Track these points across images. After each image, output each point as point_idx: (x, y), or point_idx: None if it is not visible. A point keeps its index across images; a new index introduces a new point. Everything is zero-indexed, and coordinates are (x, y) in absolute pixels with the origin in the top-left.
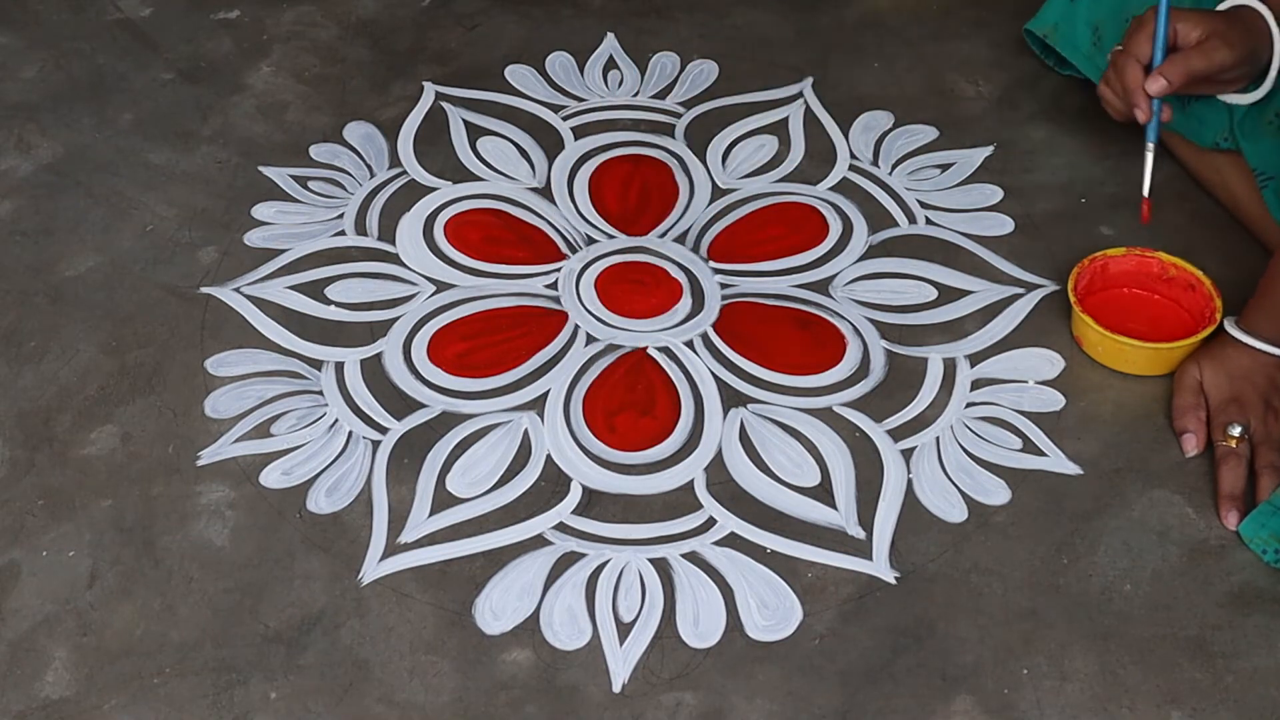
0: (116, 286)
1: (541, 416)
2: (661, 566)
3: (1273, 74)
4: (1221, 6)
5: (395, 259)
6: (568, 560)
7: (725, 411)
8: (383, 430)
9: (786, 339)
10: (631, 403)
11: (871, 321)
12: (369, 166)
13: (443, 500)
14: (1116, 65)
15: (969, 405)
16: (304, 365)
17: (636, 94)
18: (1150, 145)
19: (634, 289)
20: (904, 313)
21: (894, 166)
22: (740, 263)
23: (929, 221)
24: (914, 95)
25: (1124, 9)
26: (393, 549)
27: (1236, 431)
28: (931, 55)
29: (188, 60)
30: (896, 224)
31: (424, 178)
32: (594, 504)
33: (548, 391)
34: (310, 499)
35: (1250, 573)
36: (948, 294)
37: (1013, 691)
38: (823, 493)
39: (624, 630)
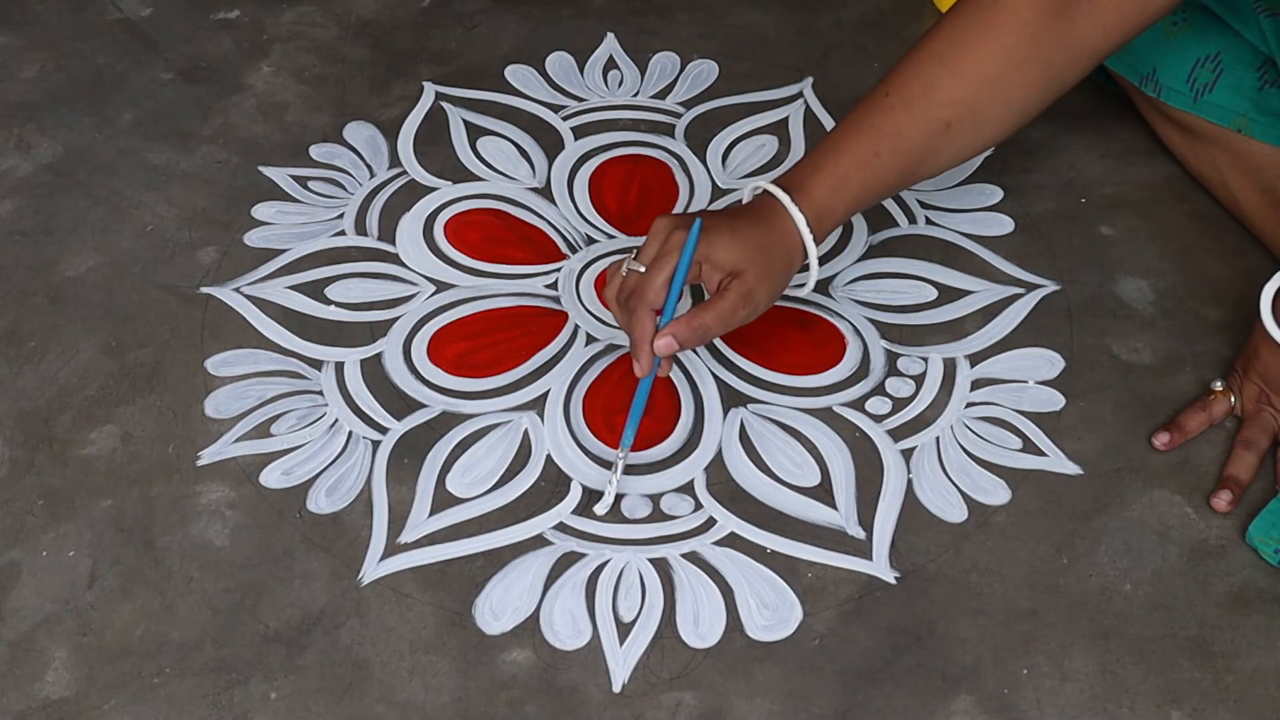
0: (116, 286)
1: (541, 416)
2: (661, 566)
3: (812, 279)
4: (755, 189)
5: (395, 259)
6: (568, 560)
7: (725, 411)
8: (383, 430)
9: (786, 339)
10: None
11: (871, 321)
12: (369, 166)
13: (443, 500)
14: (630, 306)
15: (969, 405)
16: (304, 365)
17: (636, 94)
18: (621, 453)
19: None
20: (904, 313)
21: None
22: None
23: (929, 221)
24: None
25: None
26: (393, 549)
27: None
28: None
29: (188, 60)
30: (896, 224)
31: (424, 178)
32: (594, 504)
33: (548, 391)
34: (310, 499)
35: (1250, 573)
36: (948, 294)
37: (1013, 691)
38: (823, 493)
39: (624, 630)
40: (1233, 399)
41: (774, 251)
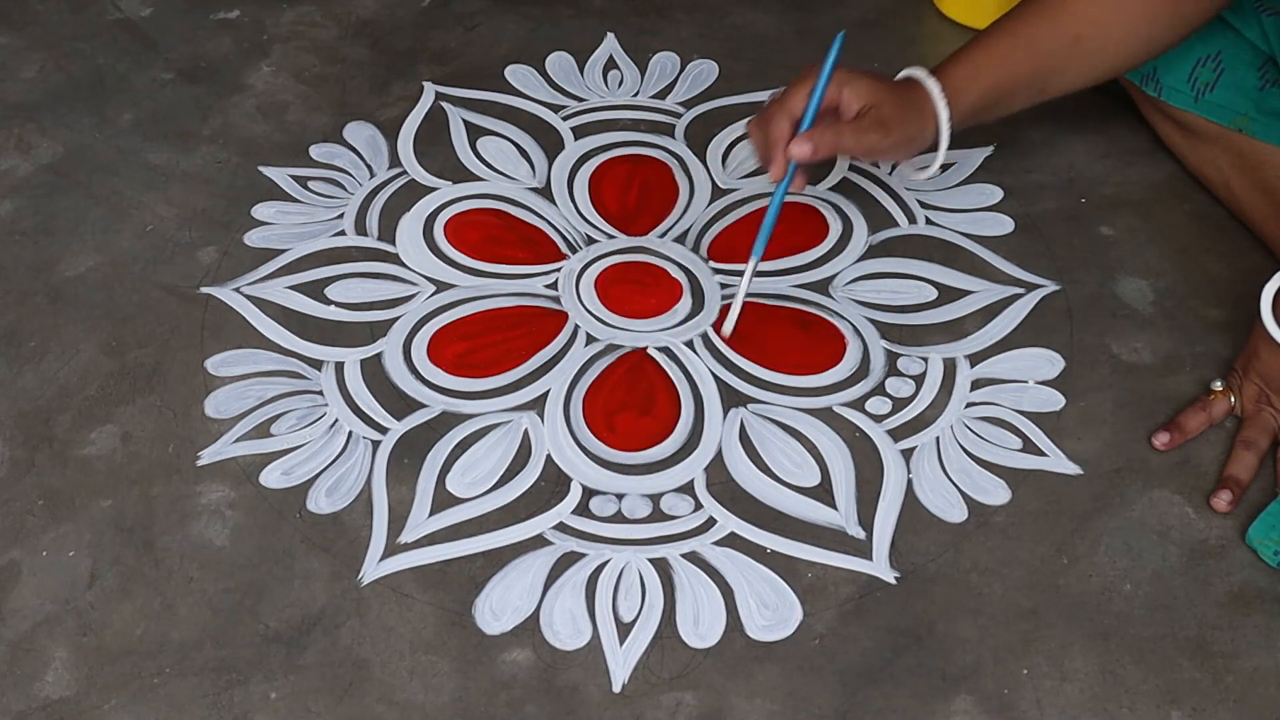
0: (116, 286)
1: (541, 416)
2: (661, 566)
3: (940, 157)
4: (900, 75)
5: (395, 259)
6: (568, 560)
7: (725, 411)
8: (383, 430)
9: (786, 339)
10: (631, 403)
11: (871, 321)
12: (369, 166)
13: (443, 500)
14: (768, 113)
15: (969, 405)
16: (304, 365)
17: (636, 94)
18: (752, 262)
19: (634, 289)
20: (904, 313)
21: (894, 166)
22: (740, 263)
23: (929, 221)
24: None
25: None
26: (393, 549)
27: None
28: (931, 55)
29: (188, 60)
30: (896, 224)
31: (424, 178)
32: (594, 504)
33: (548, 391)
34: (310, 499)
35: (1250, 573)
36: (948, 294)
37: (1013, 691)
38: (823, 493)
39: (624, 630)
40: (1232, 399)
41: (909, 104)
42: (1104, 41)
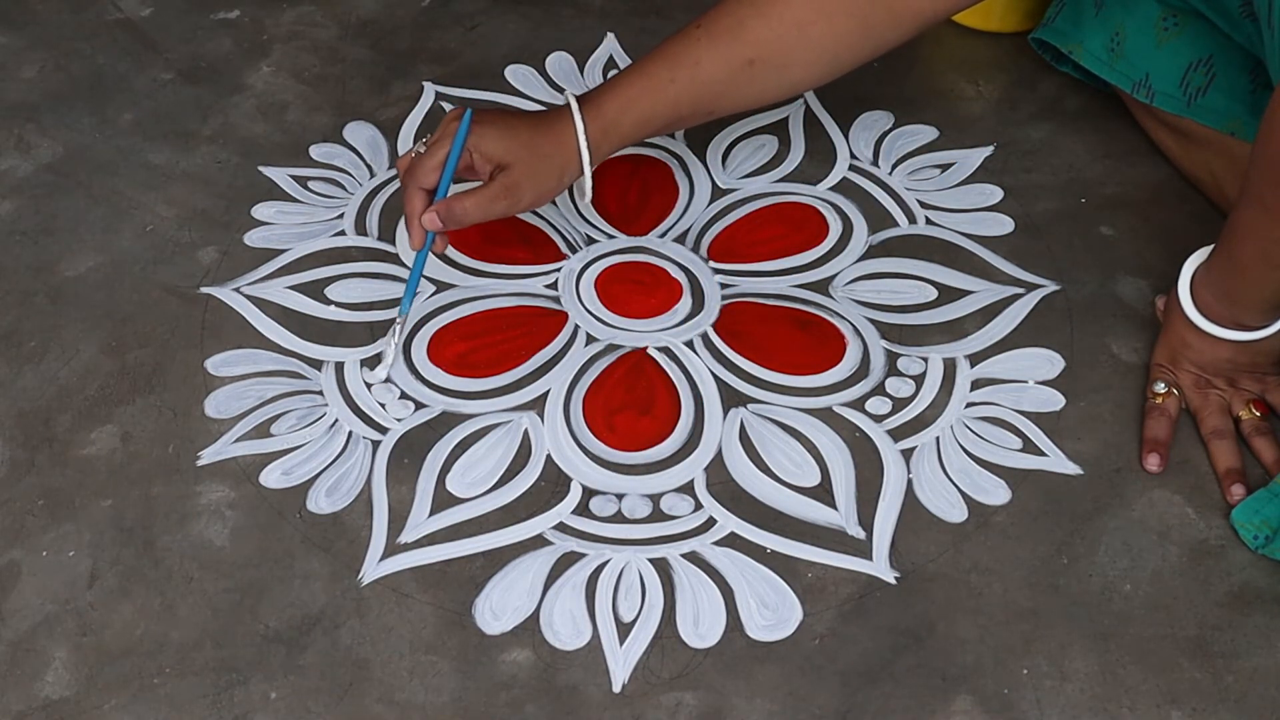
0: (116, 286)
1: (541, 416)
2: (661, 566)
3: (588, 191)
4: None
5: (395, 259)
6: (568, 560)
7: (725, 411)
8: (383, 430)
9: (786, 339)
10: (631, 403)
11: (871, 321)
12: (369, 166)
13: (443, 500)
14: (404, 184)
15: (969, 405)
16: (304, 365)
17: None
18: (400, 319)
19: (634, 289)
20: (904, 313)
21: (894, 166)
22: (740, 262)
23: (929, 221)
24: (914, 95)
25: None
26: (393, 549)
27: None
28: (931, 55)
29: (188, 60)
30: (896, 224)
31: None
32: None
33: (548, 391)
34: (310, 499)
35: (1250, 573)
36: (948, 294)
37: (1013, 691)
38: (823, 493)
39: (624, 630)
40: (1175, 393)
41: (544, 151)
42: (782, 62)
